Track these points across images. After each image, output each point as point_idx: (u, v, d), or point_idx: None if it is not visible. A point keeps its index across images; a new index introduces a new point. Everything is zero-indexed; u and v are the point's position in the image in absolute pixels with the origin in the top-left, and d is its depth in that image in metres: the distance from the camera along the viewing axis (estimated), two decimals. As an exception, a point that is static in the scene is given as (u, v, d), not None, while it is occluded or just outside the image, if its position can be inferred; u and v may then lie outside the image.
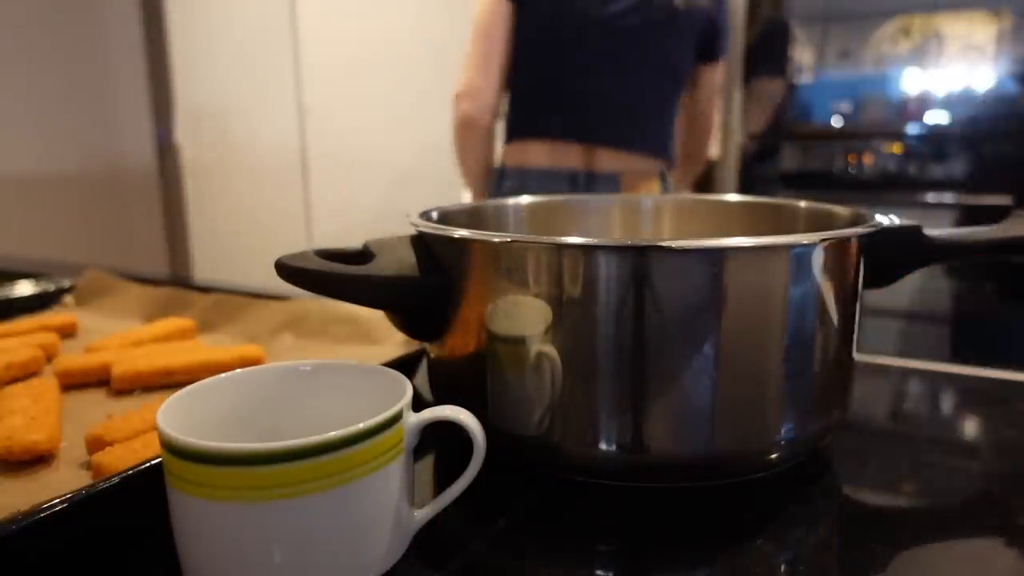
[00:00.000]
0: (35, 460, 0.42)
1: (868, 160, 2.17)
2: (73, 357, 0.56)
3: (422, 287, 0.42)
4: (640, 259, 0.37)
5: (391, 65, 2.41)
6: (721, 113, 2.04)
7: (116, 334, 0.64)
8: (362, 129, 2.49)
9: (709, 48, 1.34)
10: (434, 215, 0.52)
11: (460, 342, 0.43)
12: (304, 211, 2.63)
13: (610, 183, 1.27)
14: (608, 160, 1.27)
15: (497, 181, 1.33)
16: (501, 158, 1.34)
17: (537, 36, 1.24)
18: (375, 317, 0.65)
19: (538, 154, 1.28)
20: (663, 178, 1.35)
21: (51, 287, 0.80)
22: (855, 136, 2.19)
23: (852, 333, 0.44)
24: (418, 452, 0.36)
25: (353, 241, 0.47)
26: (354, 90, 2.47)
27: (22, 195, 2.54)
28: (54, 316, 0.71)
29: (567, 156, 1.27)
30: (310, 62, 2.52)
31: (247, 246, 2.69)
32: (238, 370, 0.38)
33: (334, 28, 2.48)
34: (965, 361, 0.63)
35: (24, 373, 0.56)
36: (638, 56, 1.26)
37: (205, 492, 0.30)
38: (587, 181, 1.26)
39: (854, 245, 0.42)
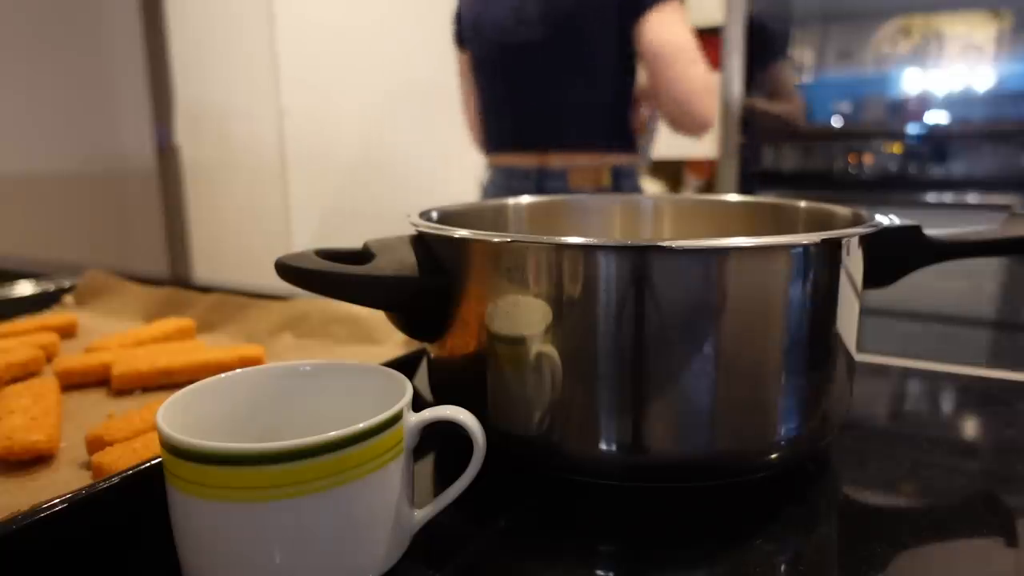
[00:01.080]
0: (35, 460, 0.42)
1: (868, 160, 2.17)
2: (73, 357, 0.56)
3: (422, 287, 0.42)
4: (640, 259, 0.37)
5: (386, 64, 2.41)
6: (720, 109, 2.03)
7: (116, 334, 0.64)
8: (364, 129, 2.49)
9: (632, 4, 1.25)
10: (434, 215, 0.52)
11: (460, 342, 0.43)
12: (305, 211, 2.63)
13: (559, 178, 1.38)
14: (557, 160, 1.39)
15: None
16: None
17: (478, 69, 1.45)
18: (375, 317, 0.65)
19: (503, 159, 1.46)
20: (615, 173, 1.38)
21: (51, 287, 0.81)
22: (855, 136, 2.19)
23: (852, 333, 0.44)
24: (418, 452, 0.36)
25: (351, 242, 0.47)
26: (355, 90, 2.47)
27: (22, 195, 2.54)
28: (54, 316, 0.71)
29: (525, 160, 1.42)
30: (305, 62, 2.52)
31: (247, 246, 2.69)
32: (238, 370, 0.38)
33: (321, 27, 2.48)
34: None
35: (24, 373, 0.56)
36: (563, 63, 1.33)
37: (205, 492, 0.30)
38: (539, 176, 1.40)
39: (854, 245, 0.42)
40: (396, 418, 0.33)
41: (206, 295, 0.74)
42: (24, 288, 0.79)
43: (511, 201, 0.62)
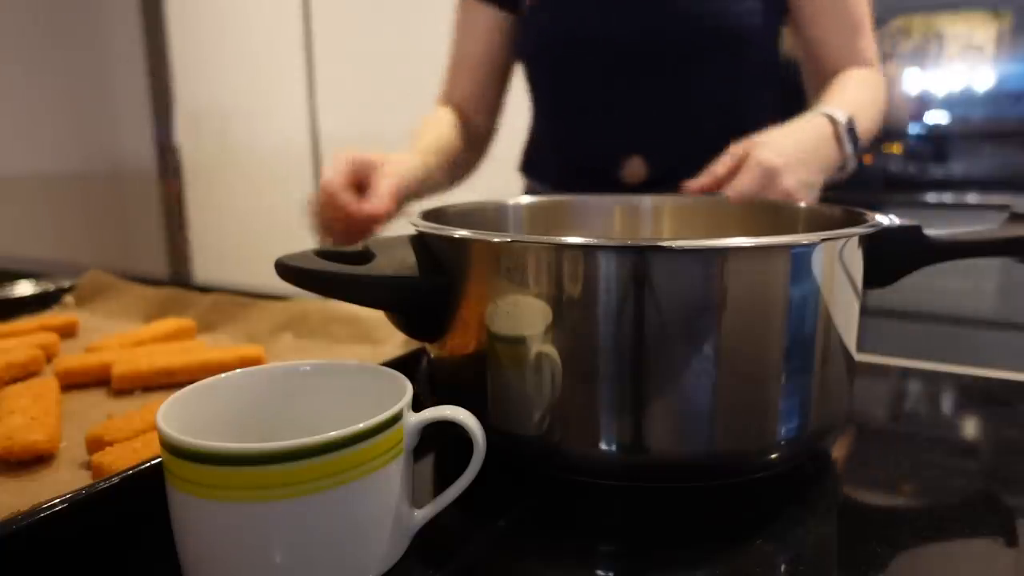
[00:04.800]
0: (35, 460, 0.42)
1: (868, 160, 2.16)
2: (73, 357, 0.56)
3: (422, 287, 0.42)
4: (640, 259, 0.37)
5: (406, 64, 2.41)
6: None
7: (116, 334, 0.64)
8: (373, 128, 2.49)
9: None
10: (434, 215, 0.52)
11: (460, 342, 0.43)
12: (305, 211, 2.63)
13: None
14: None
15: None
16: None
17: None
18: (375, 317, 0.65)
19: None
20: None
21: (51, 287, 0.80)
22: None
23: (852, 333, 0.44)
24: (418, 452, 0.36)
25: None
26: (363, 88, 2.47)
27: (22, 195, 2.54)
28: (54, 316, 0.71)
29: None
30: (321, 60, 2.51)
31: (247, 246, 2.69)
32: (238, 370, 0.38)
33: (347, 27, 2.47)
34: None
35: (24, 373, 0.56)
36: None
37: (205, 492, 0.30)
38: None
39: (854, 245, 0.42)
40: (396, 418, 0.33)
41: (206, 295, 0.74)
42: (24, 288, 0.79)
43: (511, 201, 0.62)
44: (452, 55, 1.07)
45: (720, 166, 0.71)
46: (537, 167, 1.04)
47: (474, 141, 1.02)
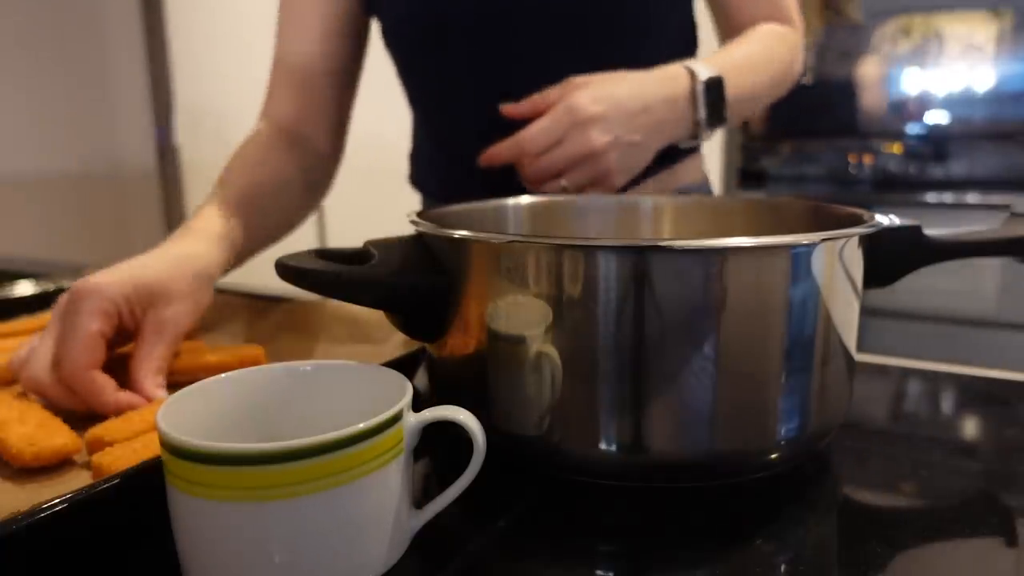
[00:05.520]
0: (62, 463, 0.41)
1: (868, 160, 2.17)
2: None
3: (422, 287, 0.42)
4: (640, 259, 0.37)
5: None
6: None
7: (116, 334, 0.63)
8: (372, 127, 2.48)
9: None
10: (434, 215, 0.52)
11: (460, 342, 0.43)
12: (337, 209, 2.62)
13: None
14: None
15: None
16: None
17: None
18: (375, 317, 0.64)
19: None
20: None
21: (51, 287, 0.80)
22: (855, 136, 2.19)
23: (852, 333, 0.44)
24: (418, 452, 0.36)
25: (356, 242, 0.47)
26: (361, 88, 2.47)
27: (22, 195, 2.54)
28: (54, 316, 0.70)
29: None
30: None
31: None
32: (238, 370, 0.38)
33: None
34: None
35: (24, 373, 0.56)
36: None
37: (205, 492, 0.30)
38: None
39: (854, 245, 0.42)
40: (396, 418, 0.33)
41: (206, 295, 0.74)
42: (24, 288, 0.79)
43: (511, 201, 0.62)
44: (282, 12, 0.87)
45: (542, 97, 0.62)
46: (423, 175, 0.92)
47: (314, 167, 0.84)
